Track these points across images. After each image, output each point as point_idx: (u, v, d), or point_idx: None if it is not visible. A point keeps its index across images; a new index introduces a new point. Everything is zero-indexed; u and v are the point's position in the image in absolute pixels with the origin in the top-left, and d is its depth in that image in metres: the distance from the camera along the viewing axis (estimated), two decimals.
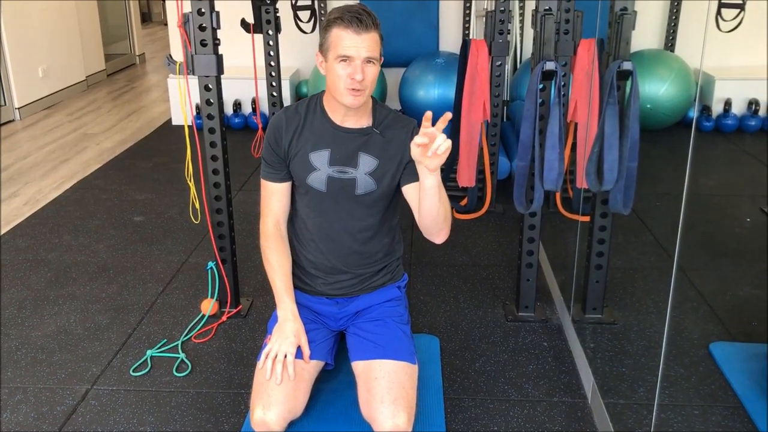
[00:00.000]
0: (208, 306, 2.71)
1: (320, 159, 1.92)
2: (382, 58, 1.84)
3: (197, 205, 2.63)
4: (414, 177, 1.86)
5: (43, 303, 2.86)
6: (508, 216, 3.70)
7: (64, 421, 2.15)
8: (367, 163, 1.91)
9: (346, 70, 1.77)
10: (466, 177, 3.57)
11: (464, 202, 3.76)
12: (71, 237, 3.51)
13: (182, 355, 2.47)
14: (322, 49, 1.82)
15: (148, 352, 2.48)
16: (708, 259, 3.16)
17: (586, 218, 2.60)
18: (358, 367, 1.91)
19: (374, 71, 1.81)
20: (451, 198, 4.05)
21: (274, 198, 2.01)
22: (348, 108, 1.85)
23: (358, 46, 1.75)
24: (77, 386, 2.32)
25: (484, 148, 3.61)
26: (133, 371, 2.39)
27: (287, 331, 1.91)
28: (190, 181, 2.56)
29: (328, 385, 2.09)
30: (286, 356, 1.85)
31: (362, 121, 1.91)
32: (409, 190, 1.92)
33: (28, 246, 3.41)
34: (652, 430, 1.76)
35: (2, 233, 3.57)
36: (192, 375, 2.38)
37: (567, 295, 2.69)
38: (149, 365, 2.43)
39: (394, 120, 1.94)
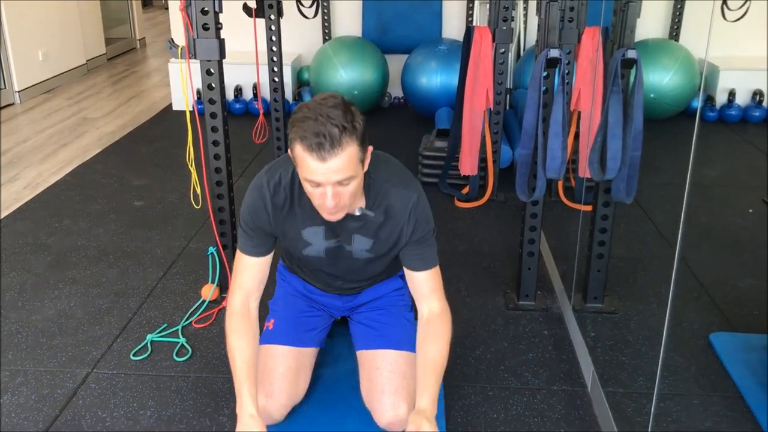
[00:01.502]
0: (209, 291, 2.71)
1: (315, 235, 1.80)
2: (370, 147, 1.60)
3: (198, 191, 2.62)
4: (411, 263, 1.77)
5: (44, 287, 2.86)
6: (509, 205, 3.69)
7: (65, 403, 2.16)
8: (362, 242, 1.80)
9: (318, 190, 1.56)
10: (468, 165, 3.57)
11: (466, 190, 3.76)
12: (71, 221, 3.51)
13: (183, 340, 2.47)
14: (291, 152, 1.56)
15: (149, 337, 2.48)
16: (709, 250, 3.16)
17: (588, 207, 2.60)
18: (361, 356, 1.92)
19: (353, 187, 1.57)
20: (452, 186, 4.04)
21: (248, 272, 1.80)
22: None
23: (325, 173, 1.50)
24: (77, 370, 2.32)
25: (486, 136, 3.59)
26: (134, 355, 2.39)
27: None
28: (191, 166, 2.56)
29: (330, 370, 2.10)
30: None
31: (356, 203, 1.71)
32: (407, 273, 1.82)
33: (29, 230, 3.41)
34: (651, 419, 1.76)
35: (2, 217, 3.56)
36: (192, 360, 2.38)
37: (568, 284, 2.69)
38: (149, 349, 2.43)
39: (393, 197, 1.71)
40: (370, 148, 1.59)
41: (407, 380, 1.82)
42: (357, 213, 1.72)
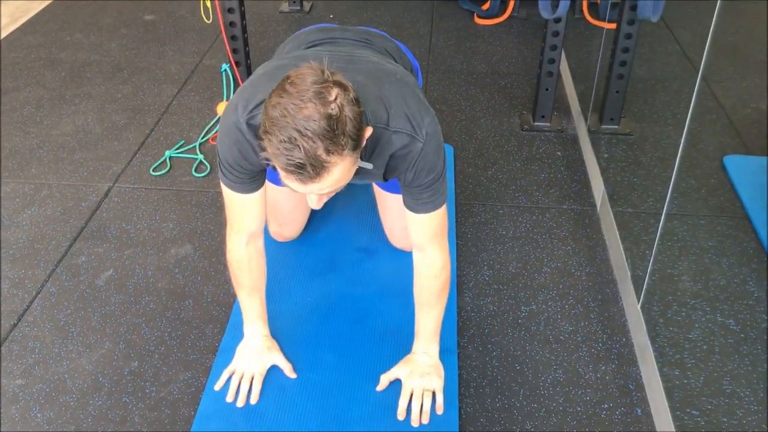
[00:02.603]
0: (224, 109, 2.71)
1: None
2: (368, 128, 1.25)
3: (208, 4, 2.54)
4: (406, 201, 1.50)
5: (60, 102, 2.87)
6: (531, 22, 3.56)
7: (90, 215, 2.24)
8: (363, 180, 1.60)
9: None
10: None
11: (486, 6, 3.60)
12: (83, 35, 3.44)
13: (201, 156, 2.51)
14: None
15: (167, 153, 2.52)
16: (733, 71, 3.07)
17: (612, 25, 2.50)
18: (375, 187, 1.95)
19: (342, 185, 1.26)
20: (473, 1, 3.86)
21: (248, 212, 1.54)
22: None
23: (309, 191, 1.25)
24: (99, 184, 2.39)
25: None
26: (153, 171, 2.45)
27: (258, 346, 1.64)
28: None
29: (346, 190, 2.15)
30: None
31: None
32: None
33: (40, 44, 3.36)
34: (657, 237, 1.81)
35: (13, 30, 3.50)
36: (211, 175, 2.43)
37: (585, 105, 2.66)
38: (168, 165, 2.48)
39: (395, 145, 1.38)
40: (368, 129, 1.24)
41: None
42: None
